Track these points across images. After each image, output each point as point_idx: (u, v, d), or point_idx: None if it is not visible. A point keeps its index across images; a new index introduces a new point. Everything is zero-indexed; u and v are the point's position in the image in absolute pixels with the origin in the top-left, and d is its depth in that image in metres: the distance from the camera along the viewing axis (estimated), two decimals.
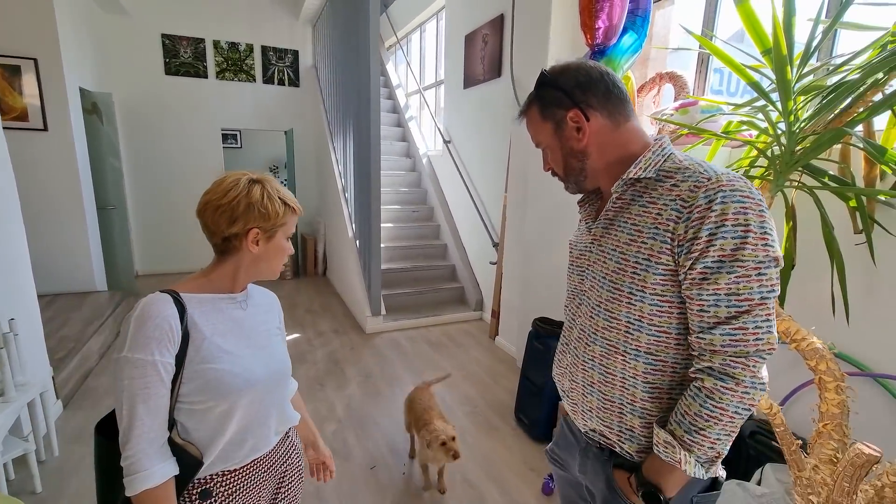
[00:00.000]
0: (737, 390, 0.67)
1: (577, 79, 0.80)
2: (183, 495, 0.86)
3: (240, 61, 5.34)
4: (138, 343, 0.78)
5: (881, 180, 1.49)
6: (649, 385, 0.77)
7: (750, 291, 0.66)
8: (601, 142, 0.81)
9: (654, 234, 0.73)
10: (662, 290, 0.73)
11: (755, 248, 0.66)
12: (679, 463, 0.70)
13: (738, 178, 0.69)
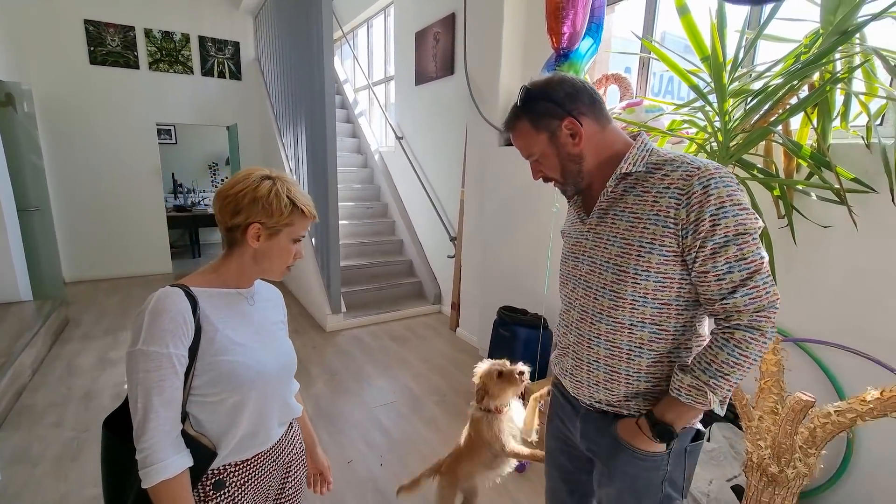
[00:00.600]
0: (759, 340, 0.78)
1: (566, 90, 0.88)
2: (197, 487, 0.86)
3: (175, 52, 5.03)
4: (153, 336, 0.78)
5: (798, 172, 1.72)
6: (654, 352, 0.88)
7: (753, 254, 0.77)
8: (593, 144, 0.90)
9: (655, 220, 0.83)
10: (665, 269, 0.83)
11: (751, 219, 0.78)
12: (704, 404, 0.80)
13: (718, 166, 0.81)
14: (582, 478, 1.14)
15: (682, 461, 0.92)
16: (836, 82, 1.53)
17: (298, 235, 0.93)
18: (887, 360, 1.53)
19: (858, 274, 1.62)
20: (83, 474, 2.02)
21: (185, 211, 6.38)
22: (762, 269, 0.78)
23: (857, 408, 1.02)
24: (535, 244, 2.84)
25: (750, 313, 0.78)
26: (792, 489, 1.07)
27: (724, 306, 0.80)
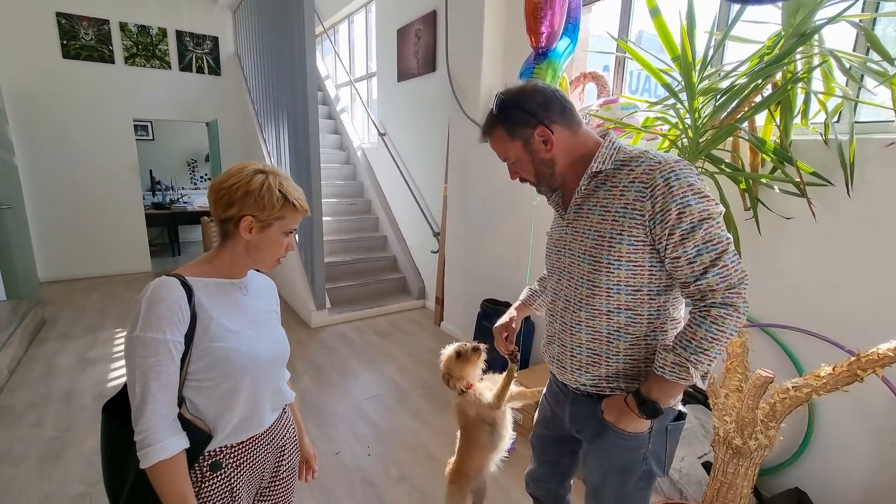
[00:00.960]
0: (734, 315, 0.84)
1: (537, 100, 0.95)
2: (194, 468, 0.90)
3: (152, 46, 4.94)
4: (150, 323, 0.81)
5: (762, 166, 1.82)
6: (631, 336, 0.95)
7: (718, 237, 0.84)
8: (564, 148, 0.97)
9: (623, 212, 0.89)
10: (635, 257, 0.90)
11: (711, 205, 0.85)
12: (687, 378, 0.86)
13: (678, 160, 0.88)
14: (565, 460, 1.22)
15: (663, 439, 0.99)
16: (797, 81, 1.62)
17: (290, 228, 0.96)
18: (842, 340, 1.64)
19: (817, 262, 1.73)
20: (68, 473, 2.01)
21: (164, 209, 6.27)
22: (729, 249, 0.84)
23: (811, 383, 1.11)
24: (517, 238, 2.91)
25: (723, 291, 0.84)
26: (754, 460, 1.16)
27: (698, 287, 0.86)
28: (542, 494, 1.30)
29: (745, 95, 1.67)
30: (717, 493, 1.20)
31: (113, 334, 3.56)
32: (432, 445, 2.28)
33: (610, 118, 2.05)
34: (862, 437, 1.66)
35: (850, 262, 1.65)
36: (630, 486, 0.99)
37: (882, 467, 1.62)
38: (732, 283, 0.84)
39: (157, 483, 0.82)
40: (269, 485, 1.08)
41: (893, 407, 1.56)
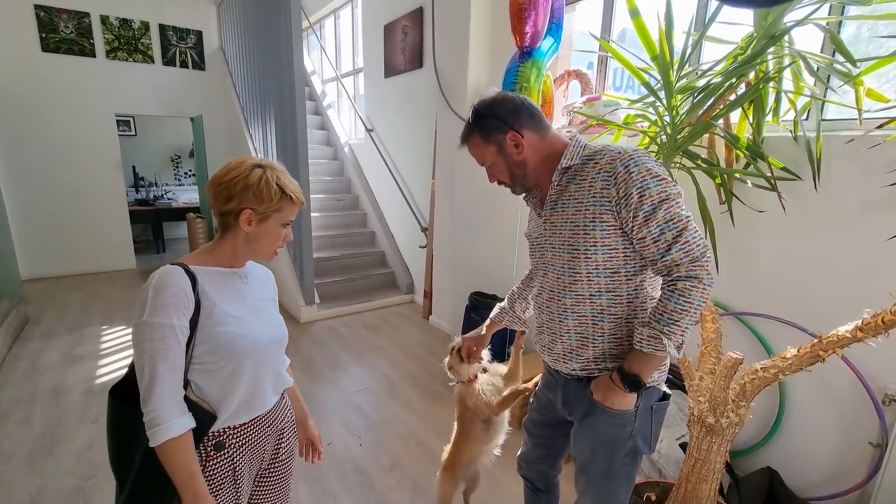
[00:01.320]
0: (699, 287, 0.90)
1: (507, 108, 1.04)
2: (199, 448, 0.94)
3: (134, 40, 4.87)
4: (157, 308, 0.86)
5: (736, 162, 1.91)
6: (613, 317, 1.01)
7: (678, 215, 0.91)
8: (534, 150, 1.06)
9: (593, 201, 0.97)
10: (609, 241, 0.97)
11: (669, 186, 0.92)
12: (663, 349, 0.92)
13: (636, 149, 0.96)
14: (558, 442, 1.29)
15: (648, 418, 1.06)
16: (768, 81, 1.70)
17: (287, 220, 1.01)
18: (809, 325, 1.74)
19: (786, 253, 1.82)
20: (59, 467, 2.02)
21: (148, 205, 6.20)
22: (689, 226, 0.92)
23: (778, 364, 1.18)
24: (503, 232, 2.97)
25: (686, 265, 0.91)
26: (726, 437, 1.23)
27: (664, 263, 0.93)
28: (534, 476, 1.37)
29: (720, 94, 1.75)
30: (693, 468, 1.28)
31: (99, 331, 3.54)
32: (422, 435, 2.34)
33: (593, 115, 2.12)
34: (828, 418, 1.76)
35: (816, 253, 1.74)
36: (617, 461, 1.06)
37: (846, 446, 1.73)
38: (695, 257, 0.91)
39: (166, 460, 0.86)
40: (269, 466, 1.13)
41: (857, 390, 1.66)
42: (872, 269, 1.61)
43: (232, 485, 1.01)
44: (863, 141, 1.59)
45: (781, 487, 1.81)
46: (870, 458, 1.67)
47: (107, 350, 3.21)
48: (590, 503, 1.11)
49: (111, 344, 3.31)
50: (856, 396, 1.68)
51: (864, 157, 1.59)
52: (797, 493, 1.80)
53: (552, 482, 1.39)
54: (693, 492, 1.28)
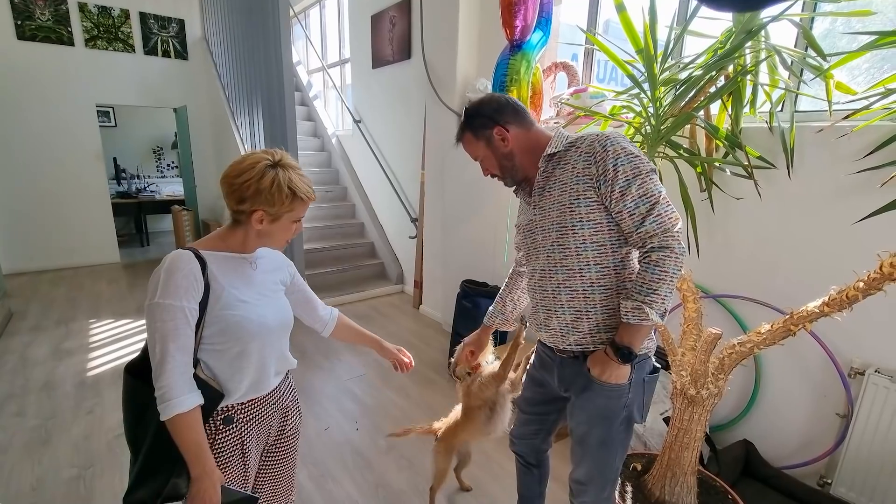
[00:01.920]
0: (671, 256, 0.98)
1: (493, 106, 1.15)
2: (209, 422, 0.99)
3: (114, 28, 4.76)
4: (168, 291, 0.90)
5: (716, 151, 2.00)
6: (603, 288, 1.09)
7: (651, 190, 0.99)
8: (520, 143, 1.15)
9: (577, 180, 1.05)
10: (593, 216, 1.05)
11: (643, 163, 1.00)
12: (647, 318, 0.99)
13: (613, 132, 1.05)
14: (550, 418, 1.37)
15: (641, 389, 1.14)
16: (746, 74, 1.79)
17: (298, 217, 1.04)
18: (782, 305, 1.85)
19: (762, 237, 1.92)
20: (57, 457, 2.04)
21: (131, 198, 6.10)
22: (661, 200, 1.00)
23: (753, 339, 1.28)
24: (493, 222, 3.03)
25: (659, 236, 0.99)
26: (706, 407, 1.33)
27: (639, 235, 1.01)
28: (527, 451, 1.45)
29: (701, 86, 1.83)
30: (675, 438, 1.37)
31: (86, 325, 3.51)
32: (418, 418, 2.40)
33: (580, 106, 2.18)
34: (799, 392, 1.88)
35: (789, 237, 1.85)
36: (614, 430, 1.14)
37: (815, 418, 1.85)
38: (667, 228, 0.99)
39: (175, 434, 0.91)
40: (276, 442, 1.18)
41: (825, 365, 1.78)
42: (840, 251, 1.72)
43: (240, 458, 1.06)
44: (832, 131, 1.69)
45: (757, 458, 1.93)
46: (836, 428, 1.79)
47: (96, 343, 3.20)
48: (587, 470, 1.19)
49: (101, 337, 3.30)
50: (824, 371, 1.80)
51: (834, 147, 1.69)
52: (771, 462, 1.92)
53: (543, 457, 1.47)
54: (676, 459, 1.37)
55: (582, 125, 2.31)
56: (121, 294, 4.25)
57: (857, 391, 1.68)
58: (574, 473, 1.23)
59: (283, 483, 1.22)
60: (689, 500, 1.38)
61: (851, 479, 1.69)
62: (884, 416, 1.61)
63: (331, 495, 1.86)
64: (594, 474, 1.18)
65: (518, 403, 1.43)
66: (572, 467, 1.24)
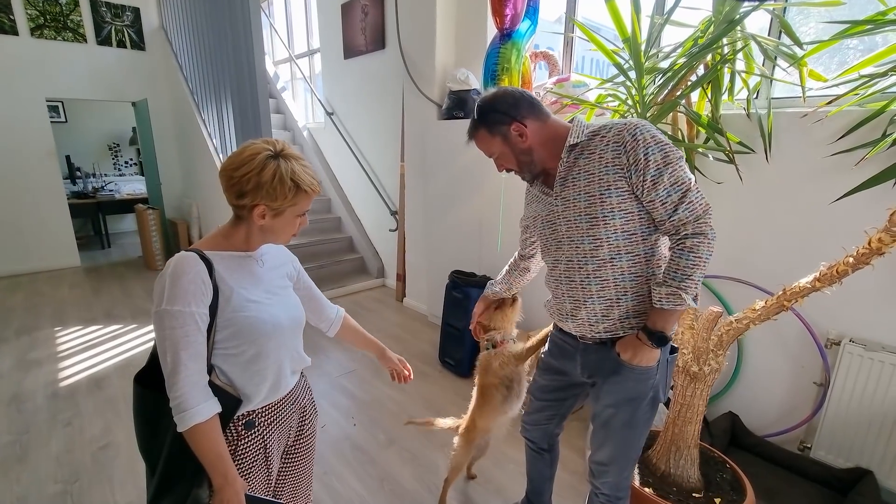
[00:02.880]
0: (705, 242, 0.99)
1: (508, 101, 1.12)
2: (229, 428, 0.96)
3: (62, 17, 4.44)
4: (175, 296, 0.85)
5: (697, 137, 2.07)
6: (633, 275, 1.10)
7: (682, 176, 0.99)
8: (538, 137, 1.13)
9: (605, 170, 1.05)
10: (624, 206, 1.05)
11: (672, 151, 1.01)
12: (682, 303, 1.00)
13: (639, 119, 1.04)
14: (566, 403, 1.39)
15: (664, 370, 1.16)
16: (725, 63, 1.85)
17: (302, 212, 0.99)
18: (763, 284, 1.95)
19: (742, 219, 2.01)
20: (37, 473, 1.92)
21: (88, 198, 5.76)
22: (692, 187, 1.01)
23: (749, 315, 1.34)
24: (478, 211, 3.04)
25: (692, 223, 1.01)
26: (707, 382, 1.39)
27: (672, 223, 1.02)
28: (539, 436, 1.47)
29: (683, 75, 1.89)
30: (678, 413, 1.43)
31: (52, 333, 3.31)
32: (414, 411, 2.41)
33: (567, 94, 2.21)
34: (779, 364, 2.00)
35: (768, 218, 1.95)
36: (640, 411, 1.16)
37: (794, 387, 1.97)
38: (699, 215, 1.01)
39: (194, 444, 0.87)
40: (295, 443, 1.16)
41: (803, 337, 1.90)
42: (817, 231, 1.82)
43: (264, 462, 1.03)
44: (807, 116, 1.78)
45: (742, 428, 2.04)
46: (814, 396, 1.92)
47: (66, 352, 3.02)
48: (610, 452, 1.21)
49: (70, 345, 3.12)
50: (802, 343, 1.91)
51: (809, 131, 1.79)
52: (755, 432, 2.04)
53: (555, 441, 1.50)
54: (680, 433, 1.43)
55: (567, 114, 2.34)
56: (86, 299, 4.02)
57: (834, 360, 1.80)
58: (595, 455, 1.25)
59: (302, 484, 1.21)
60: (693, 472, 1.44)
61: (829, 443, 1.81)
62: (858, 383, 1.73)
63: (337, 493, 1.85)
64: (617, 455, 1.20)
65: (532, 391, 1.45)
66: (593, 450, 1.26)
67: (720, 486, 1.46)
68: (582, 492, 1.85)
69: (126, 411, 2.35)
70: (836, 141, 1.72)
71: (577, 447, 2.10)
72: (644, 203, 1.05)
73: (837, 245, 1.58)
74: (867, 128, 1.63)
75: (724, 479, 1.49)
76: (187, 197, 5.42)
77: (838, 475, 1.77)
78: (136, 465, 1.97)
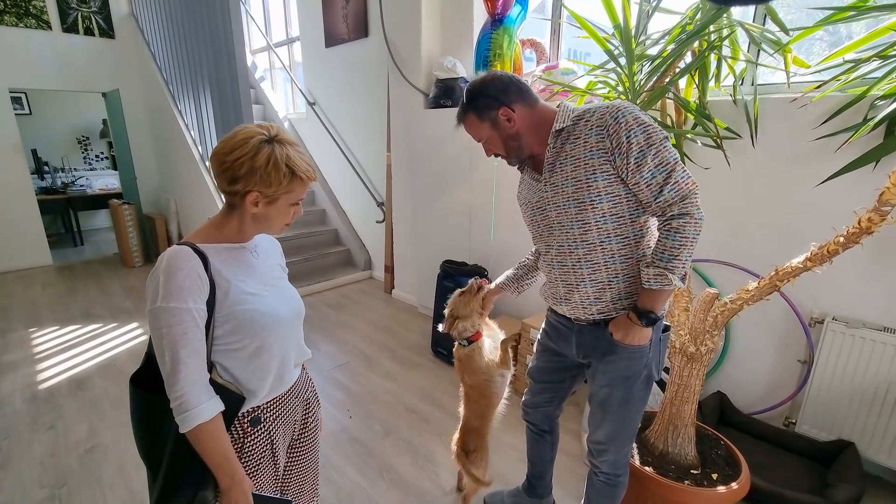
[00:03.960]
0: (691, 222, 1.00)
1: (497, 86, 1.12)
2: (234, 426, 0.93)
3: (24, 1, 4.21)
4: (171, 293, 0.81)
5: (685, 123, 2.10)
6: (624, 257, 1.11)
7: (667, 157, 1.00)
8: (527, 122, 1.13)
9: (590, 154, 1.05)
10: (611, 189, 1.05)
11: (656, 132, 1.00)
12: (669, 283, 1.02)
13: (622, 102, 1.04)
14: (565, 384, 1.41)
15: (657, 348, 1.19)
16: (712, 49, 1.88)
17: (297, 200, 0.95)
18: (750, 267, 2.00)
19: (729, 203, 2.06)
20: (21, 479, 1.86)
21: (57, 193, 5.52)
22: (677, 167, 1.01)
23: (742, 296, 1.38)
24: (469, 200, 3.04)
25: (678, 204, 1.02)
26: (703, 362, 1.43)
27: (658, 205, 1.04)
28: (540, 419, 1.49)
29: (671, 62, 1.91)
30: (675, 393, 1.46)
31: (27, 335, 3.18)
32: (410, 401, 2.41)
33: (558, 81, 2.21)
34: (765, 344, 2.06)
35: (754, 202, 1.99)
36: (635, 389, 1.19)
37: (779, 366, 2.04)
38: (685, 195, 1.02)
39: (198, 445, 0.84)
40: (300, 437, 1.14)
41: (788, 316, 1.96)
42: (801, 214, 1.88)
43: (271, 458, 1.01)
44: (794, 102, 1.82)
45: (730, 407, 2.11)
46: (799, 373, 1.99)
47: (43, 354, 2.91)
48: (608, 431, 1.23)
49: (47, 347, 3.00)
50: (787, 322, 1.98)
51: (794, 117, 1.83)
52: (742, 409, 2.11)
53: (555, 422, 1.52)
54: (677, 413, 1.47)
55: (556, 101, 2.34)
56: (61, 299, 3.87)
57: (817, 338, 1.87)
58: (594, 435, 1.27)
59: (308, 477, 1.19)
60: (690, 450, 1.48)
61: (813, 418, 1.89)
62: (840, 359, 1.80)
63: (337, 486, 1.83)
64: (616, 433, 1.23)
65: (531, 374, 1.46)
66: (591, 430, 1.29)
67: (716, 463, 1.50)
68: (579, 473, 1.89)
69: (112, 412, 2.29)
70: (819, 126, 1.77)
71: (573, 430, 2.14)
72: (630, 185, 1.05)
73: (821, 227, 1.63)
74: (849, 112, 1.68)
75: (718, 456, 1.53)
76: (164, 191, 5.25)
77: (822, 448, 1.84)
78: (126, 466, 1.92)
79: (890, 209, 1.14)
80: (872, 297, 1.78)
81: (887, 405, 1.72)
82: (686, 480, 1.43)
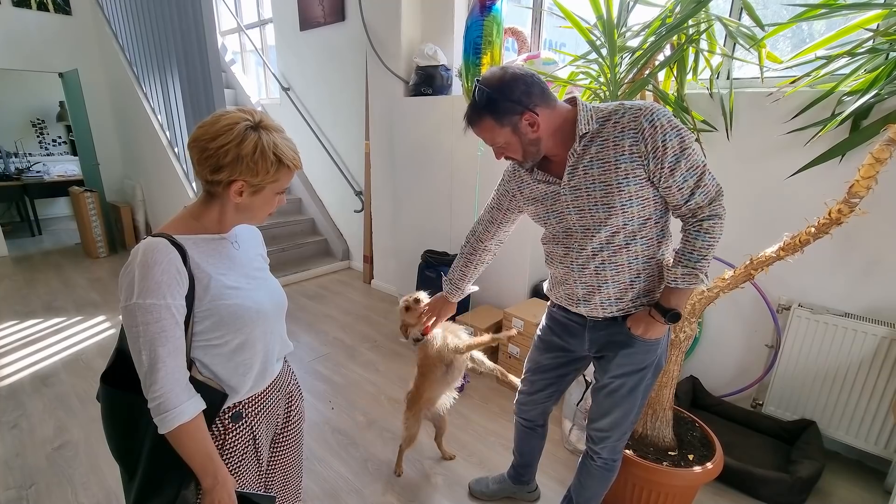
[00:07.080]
0: (719, 223, 1.04)
1: (521, 88, 1.01)
2: (215, 423, 0.90)
3: None
4: (148, 288, 0.77)
5: None
6: (646, 258, 1.11)
7: (697, 160, 1.00)
8: (548, 125, 1.06)
9: (622, 158, 1.02)
10: (642, 192, 1.04)
11: (687, 136, 1.01)
12: (697, 282, 1.05)
13: (651, 103, 1.03)
14: (567, 378, 1.42)
15: (668, 337, 1.22)
16: (691, 43, 1.92)
17: (282, 189, 0.92)
18: (724, 256, 2.08)
19: None
20: None
21: (11, 180, 5.21)
22: (706, 171, 1.03)
23: (719, 284, 1.43)
24: (450, 190, 3.02)
25: (707, 206, 1.04)
26: (682, 348, 1.48)
27: (689, 208, 1.05)
28: (536, 415, 1.50)
29: (651, 54, 1.94)
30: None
31: None
32: (391, 391, 2.41)
33: (542, 72, 2.21)
34: (734, 329, 2.15)
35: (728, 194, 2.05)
36: (646, 380, 1.21)
37: (748, 350, 2.13)
38: (713, 198, 1.05)
39: (179, 446, 0.81)
40: (283, 430, 1.11)
41: (757, 303, 2.05)
42: (773, 204, 1.95)
43: (254, 454, 0.99)
44: (766, 96, 1.88)
45: (701, 390, 2.20)
46: (765, 358, 2.09)
47: (2, 349, 2.76)
48: (613, 419, 1.26)
49: (7, 342, 2.85)
50: (756, 309, 2.06)
51: (767, 111, 1.89)
52: (713, 392, 2.20)
53: (548, 416, 1.54)
54: (657, 398, 1.52)
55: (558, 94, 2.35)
56: (19, 291, 3.67)
57: (784, 324, 1.96)
58: (597, 423, 1.29)
59: (292, 472, 1.17)
60: (668, 432, 1.54)
61: (779, 399, 1.99)
62: (805, 343, 1.89)
63: (321, 477, 1.82)
64: (621, 421, 1.25)
65: (531, 372, 1.45)
66: (594, 418, 1.30)
67: (692, 444, 1.56)
68: (560, 458, 1.94)
69: (81, 408, 2.20)
70: (790, 120, 1.83)
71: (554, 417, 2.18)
72: (660, 189, 1.05)
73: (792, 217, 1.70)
74: (818, 107, 1.75)
75: (694, 437, 1.60)
76: (129, 178, 5.02)
77: (786, 427, 1.95)
78: (98, 463, 1.86)
79: (858, 201, 1.20)
80: (834, 284, 1.87)
81: (846, 386, 1.83)
82: (664, 462, 1.48)
